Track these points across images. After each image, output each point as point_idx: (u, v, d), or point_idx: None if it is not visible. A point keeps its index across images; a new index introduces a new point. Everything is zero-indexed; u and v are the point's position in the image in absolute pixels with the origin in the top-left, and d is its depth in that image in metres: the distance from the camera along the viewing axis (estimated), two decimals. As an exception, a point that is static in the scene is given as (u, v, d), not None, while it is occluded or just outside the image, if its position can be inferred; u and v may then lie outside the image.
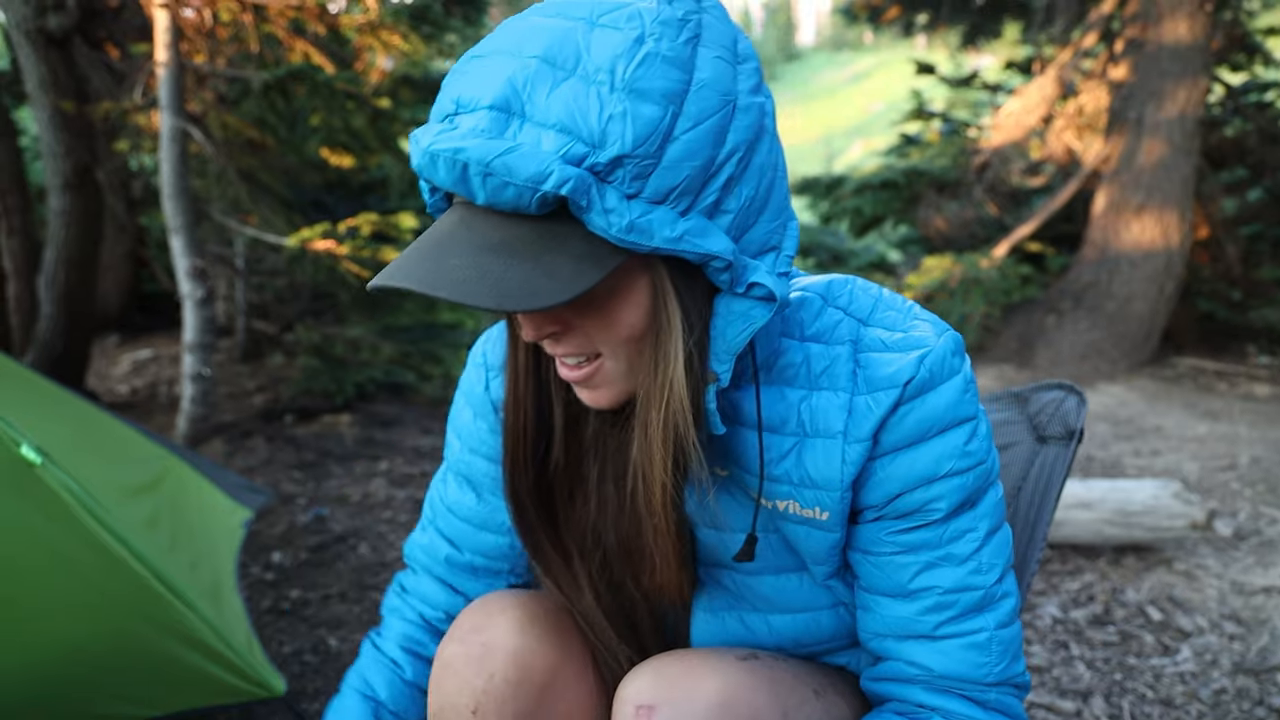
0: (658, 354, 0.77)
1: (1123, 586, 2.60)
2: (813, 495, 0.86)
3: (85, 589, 1.66)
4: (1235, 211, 6.42)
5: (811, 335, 0.88)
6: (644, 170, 0.68)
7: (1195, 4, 5.22)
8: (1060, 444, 1.31)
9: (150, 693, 1.73)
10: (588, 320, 0.77)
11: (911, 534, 0.87)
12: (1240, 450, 3.98)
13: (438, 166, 0.70)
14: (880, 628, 0.91)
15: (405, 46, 3.95)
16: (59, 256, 4.12)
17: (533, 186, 0.67)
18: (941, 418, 0.84)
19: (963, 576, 0.86)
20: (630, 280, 0.75)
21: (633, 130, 0.67)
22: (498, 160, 0.67)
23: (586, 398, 0.84)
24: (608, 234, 0.69)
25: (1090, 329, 5.55)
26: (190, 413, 3.86)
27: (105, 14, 4.10)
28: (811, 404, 0.86)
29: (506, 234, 0.70)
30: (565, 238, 0.70)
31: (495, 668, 0.92)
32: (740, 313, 0.76)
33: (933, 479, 0.85)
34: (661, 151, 0.68)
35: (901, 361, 0.84)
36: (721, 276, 0.74)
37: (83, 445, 2.10)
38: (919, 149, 6.75)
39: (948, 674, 0.87)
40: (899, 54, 35.18)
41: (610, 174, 0.68)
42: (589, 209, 0.68)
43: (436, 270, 0.69)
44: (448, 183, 0.71)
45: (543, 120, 0.68)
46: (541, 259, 0.69)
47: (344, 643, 2.33)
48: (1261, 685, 2.11)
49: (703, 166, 0.70)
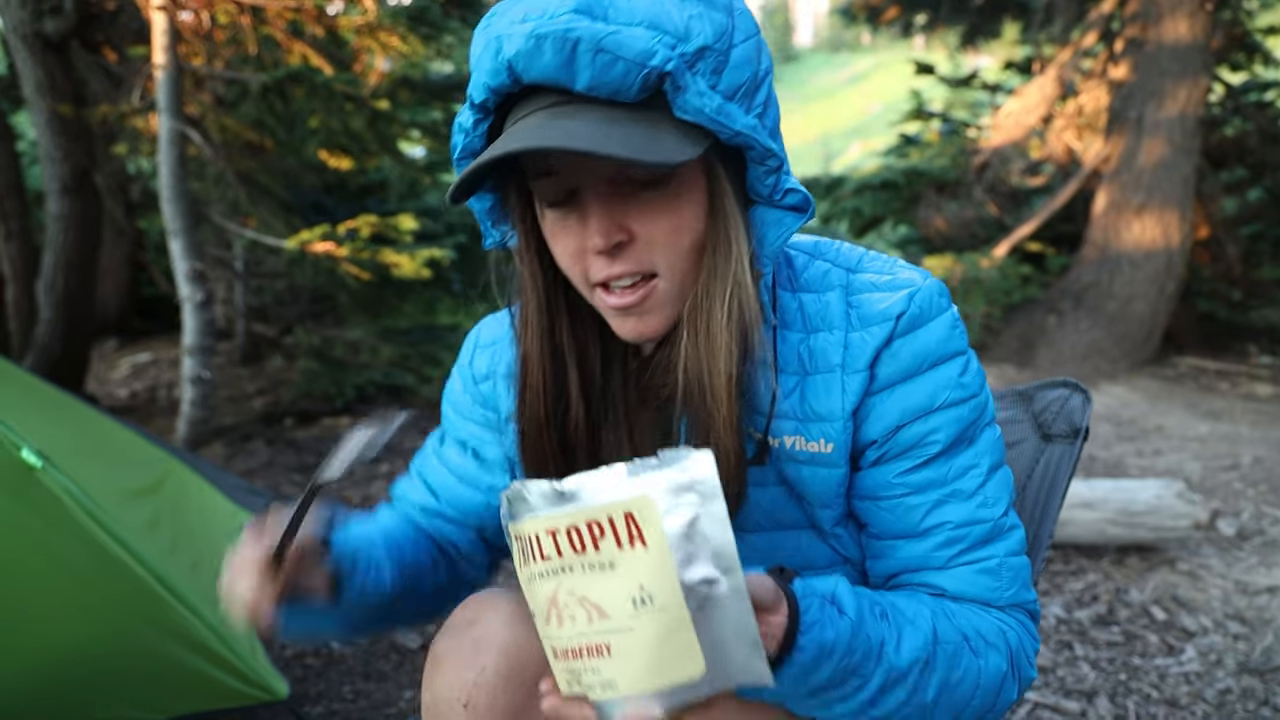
0: (717, 254, 0.83)
1: (1126, 586, 2.59)
2: (817, 428, 0.89)
3: (86, 592, 1.65)
4: (1235, 211, 6.42)
5: (802, 285, 0.93)
6: (719, 65, 0.76)
7: (1195, 3, 5.22)
8: (1066, 442, 1.30)
9: (151, 696, 1.73)
10: (656, 226, 0.82)
11: (917, 473, 0.89)
12: (1242, 450, 3.98)
13: (543, 49, 0.73)
14: (894, 569, 0.93)
15: (404, 48, 3.94)
16: (57, 260, 4.11)
17: (641, 63, 0.72)
18: (934, 351, 0.88)
19: (971, 510, 0.89)
20: (693, 184, 0.82)
21: (711, 27, 0.76)
22: (609, 38, 0.72)
23: (632, 328, 0.87)
24: (701, 114, 0.75)
25: (1091, 329, 5.54)
26: (190, 416, 3.85)
27: (102, 17, 4.10)
28: (810, 344, 0.90)
29: (609, 113, 0.76)
30: (659, 122, 0.76)
31: (486, 661, 0.92)
32: (775, 220, 0.85)
33: (930, 410, 0.88)
34: (729, 51, 0.77)
35: (892, 299, 0.89)
36: (767, 180, 0.82)
37: (83, 449, 2.09)
38: (918, 149, 6.74)
39: (962, 595, 0.90)
40: (897, 55, 35.21)
41: (695, 64, 0.75)
42: (685, 90, 0.74)
43: (556, 133, 0.73)
44: (551, 66, 0.74)
45: (628, 20, 0.74)
46: (649, 130, 0.75)
47: (345, 645, 2.32)
48: (1266, 685, 2.10)
49: (752, 76, 0.79)
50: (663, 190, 0.81)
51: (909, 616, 0.84)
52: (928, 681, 0.82)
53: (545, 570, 0.69)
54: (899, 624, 0.82)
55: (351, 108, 4.05)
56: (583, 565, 0.67)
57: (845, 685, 0.78)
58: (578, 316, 0.93)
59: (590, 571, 0.66)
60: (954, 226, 6.10)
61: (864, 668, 0.78)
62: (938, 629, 0.84)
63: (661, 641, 0.65)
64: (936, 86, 7.24)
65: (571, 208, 0.83)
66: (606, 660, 0.66)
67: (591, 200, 0.81)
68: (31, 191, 5.21)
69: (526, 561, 0.71)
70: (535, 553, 0.69)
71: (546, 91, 0.78)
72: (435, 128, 5.19)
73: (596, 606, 0.66)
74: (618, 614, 0.65)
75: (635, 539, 0.65)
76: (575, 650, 0.68)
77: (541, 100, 0.78)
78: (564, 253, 0.86)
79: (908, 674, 0.80)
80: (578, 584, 0.67)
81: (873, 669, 0.78)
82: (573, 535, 0.67)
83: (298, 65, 3.95)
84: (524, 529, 0.70)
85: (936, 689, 0.83)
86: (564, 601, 0.68)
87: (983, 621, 0.88)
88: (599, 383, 0.94)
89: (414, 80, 4.62)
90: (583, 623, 0.67)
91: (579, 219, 0.82)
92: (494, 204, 0.91)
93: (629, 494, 0.65)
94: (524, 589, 0.73)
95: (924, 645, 0.82)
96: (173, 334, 5.75)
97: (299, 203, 5.07)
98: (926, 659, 0.82)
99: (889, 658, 0.79)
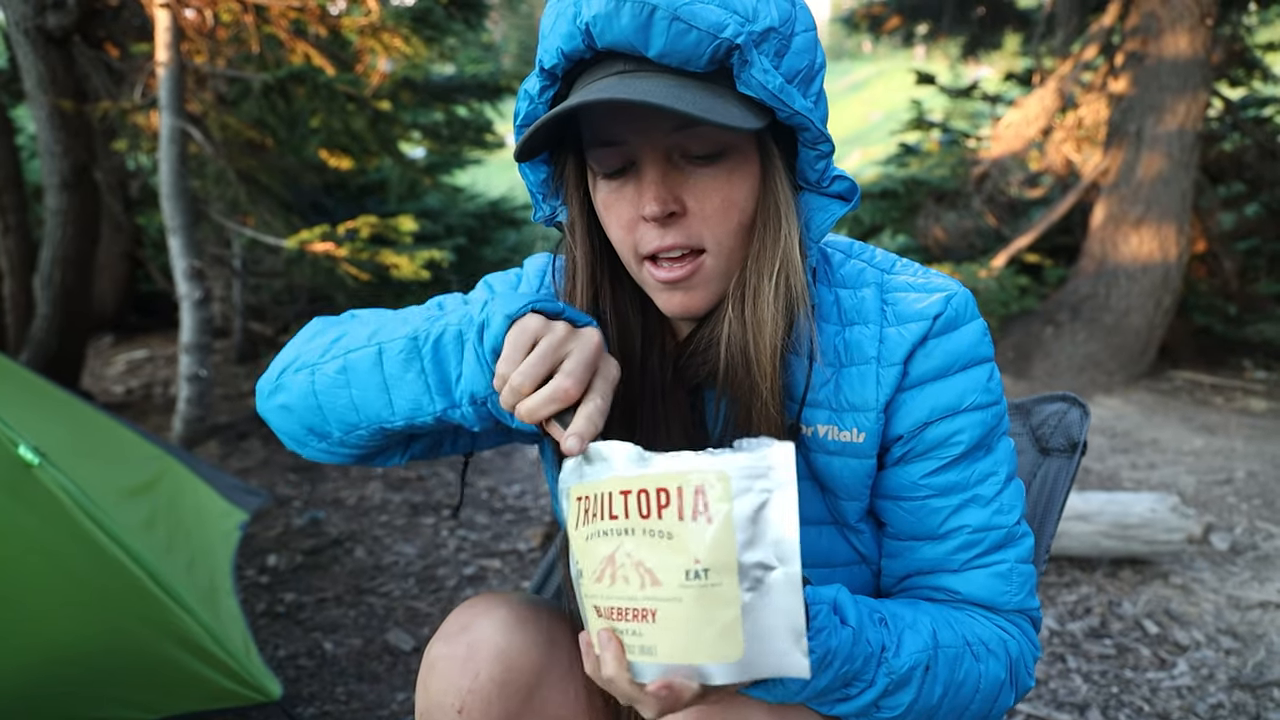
0: (767, 233, 0.86)
1: (1119, 599, 2.59)
2: (851, 418, 0.92)
3: (81, 590, 1.65)
4: (1233, 226, 6.43)
5: (838, 281, 0.97)
6: (782, 48, 0.80)
7: (1196, 18, 5.24)
8: (1063, 456, 1.31)
9: (145, 696, 1.72)
10: (709, 200, 0.85)
11: (940, 475, 0.92)
12: (1236, 464, 3.99)
13: (621, 13, 0.76)
14: (909, 569, 0.96)
15: (406, 49, 3.94)
16: (55, 256, 4.10)
17: (713, 33, 0.76)
18: (966, 354, 0.92)
19: (988, 517, 0.92)
20: (746, 163, 0.85)
21: (777, 11, 0.80)
22: (684, 7, 0.75)
23: (679, 303, 0.89)
24: (764, 90, 0.79)
25: (1088, 341, 5.55)
26: (186, 414, 3.84)
27: (105, 13, 4.09)
28: (845, 337, 0.93)
29: (679, 79, 0.79)
30: (723, 93, 0.80)
31: (480, 667, 0.92)
32: (821, 206, 0.89)
33: (957, 410, 0.91)
34: (791, 38, 0.81)
35: (929, 299, 0.93)
36: (818, 165, 0.86)
37: (80, 446, 2.09)
38: (918, 159, 6.75)
39: (972, 598, 0.93)
40: (898, 64, 35.29)
41: (761, 43, 0.78)
42: (751, 65, 0.78)
43: (629, 90, 0.76)
44: (627, 31, 0.77)
45: None
46: (715, 99, 0.78)
47: (339, 646, 2.31)
48: (1258, 700, 2.10)
49: (810, 64, 0.83)
50: (717, 166, 0.84)
51: (908, 622, 0.86)
52: (933, 683, 0.84)
53: (608, 529, 0.71)
54: (898, 630, 0.84)
55: (353, 108, 4.05)
56: (645, 530, 0.68)
57: (848, 689, 0.80)
58: (622, 293, 0.96)
59: (650, 537, 0.68)
60: (952, 236, 6.10)
61: (865, 672, 0.80)
62: (938, 633, 0.87)
63: (707, 617, 0.66)
64: (937, 96, 7.25)
65: (628, 178, 0.86)
66: (650, 626, 0.68)
67: (648, 169, 0.84)
68: (30, 186, 5.20)
69: (589, 520, 0.73)
70: (604, 511, 0.71)
71: (617, 59, 0.81)
72: (436, 129, 5.20)
73: (650, 572, 0.68)
74: (669, 582, 0.67)
75: (700, 513, 0.66)
76: (621, 611, 0.70)
77: (611, 67, 0.81)
78: (616, 223, 0.89)
79: (910, 677, 0.83)
80: (636, 547, 0.69)
81: (874, 673, 0.80)
82: (642, 499, 0.69)
83: (300, 65, 3.95)
84: (598, 487, 0.73)
85: (942, 690, 0.85)
86: (620, 562, 0.70)
87: (984, 629, 0.91)
88: (638, 360, 0.96)
89: (416, 82, 4.62)
90: (634, 586, 0.69)
91: (635, 188, 0.86)
92: (548, 176, 0.94)
93: (705, 466, 0.67)
94: (576, 548, 0.75)
95: (923, 649, 0.84)
96: (170, 331, 5.74)
97: (299, 202, 5.07)
98: (927, 662, 0.84)
99: (889, 662, 0.81)
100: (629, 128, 0.83)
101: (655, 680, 0.68)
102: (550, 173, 0.93)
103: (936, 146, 7.07)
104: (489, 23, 5.36)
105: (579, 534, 0.75)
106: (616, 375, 0.79)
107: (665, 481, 0.68)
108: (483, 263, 6.26)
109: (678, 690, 0.68)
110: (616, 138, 0.84)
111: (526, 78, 0.88)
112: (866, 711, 0.82)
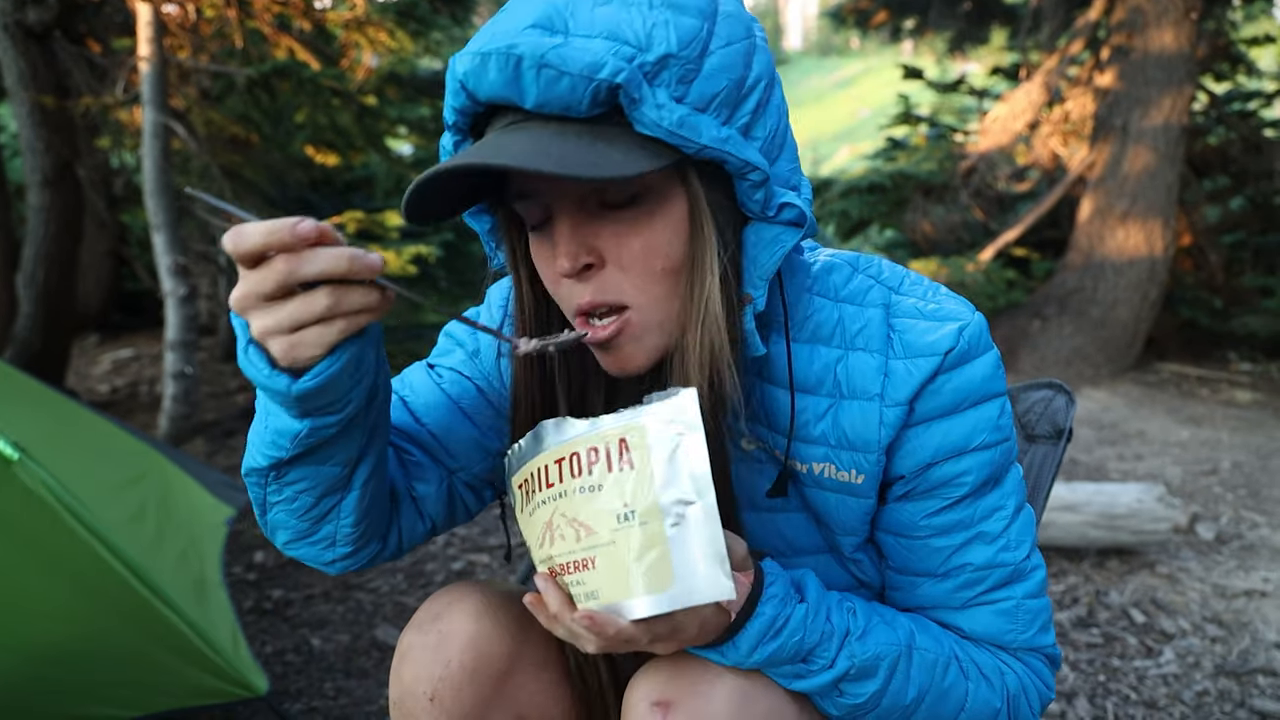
0: (694, 275, 0.79)
1: (1106, 589, 2.61)
2: (850, 457, 0.87)
3: (63, 587, 1.64)
4: (1218, 220, 6.47)
5: (844, 297, 0.90)
6: (688, 74, 0.72)
7: (1181, 13, 5.27)
8: (1049, 443, 1.31)
9: (128, 693, 1.71)
10: (626, 248, 0.79)
11: (944, 515, 0.88)
12: (1222, 455, 4.01)
13: (488, 68, 0.72)
14: (911, 604, 0.93)
15: (392, 43, 3.92)
16: (38, 254, 4.06)
17: (588, 76, 0.69)
18: (977, 390, 0.86)
19: (993, 554, 0.88)
20: (669, 202, 0.78)
21: (676, 34, 0.72)
22: (552, 52, 0.70)
23: (612, 363, 0.84)
24: (659, 128, 0.71)
25: (1075, 334, 5.58)
26: (172, 411, 3.82)
27: (86, 8, 4.06)
28: (847, 365, 0.87)
29: (560, 128, 0.73)
30: (615, 137, 0.73)
31: (451, 655, 0.92)
32: (770, 238, 0.80)
33: (964, 451, 0.86)
34: (702, 60, 0.73)
35: (941, 331, 0.85)
36: (755, 195, 0.77)
37: (63, 441, 2.07)
38: (906, 153, 6.77)
39: (976, 635, 0.90)
40: (886, 60, 35.39)
41: (658, 74, 0.71)
42: (641, 102, 0.71)
43: (493, 152, 0.72)
44: (497, 85, 0.72)
45: (587, 32, 0.71)
46: (597, 145, 0.72)
47: (326, 642, 2.30)
48: (1243, 687, 2.12)
49: (736, 83, 0.75)
50: (636, 209, 0.77)
51: (885, 619, 0.86)
52: (903, 682, 0.83)
53: (545, 498, 0.77)
54: (868, 619, 0.84)
55: (338, 103, 4.03)
56: (578, 489, 0.74)
57: (807, 664, 0.80)
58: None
59: (582, 494, 0.74)
60: (940, 230, 6.12)
61: (824, 650, 0.80)
62: (915, 635, 0.86)
63: (640, 554, 0.71)
64: (924, 91, 7.26)
65: (548, 231, 0.81)
66: (591, 573, 0.73)
67: (561, 221, 0.79)
68: (13, 183, 5.16)
69: (529, 498, 0.79)
70: (541, 483, 0.78)
71: (506, 110, 0.76)
72: (423, 124, 5.17)
73: (584, 525, 0.73)
74: (602, 529, 0.72)
75: (625, 462, 0.72)
76: (564, 565, 0.75)
77: (502, 119, 0.76)
78: (545, 277, 0.84)
79: (874, 667, 0.82)
80: (570, 506, 0.75)
81: (834, 654, 0.81)
82: (574, 461, 0.75)
83: (284, 60, 3.92)
84: (533, 465, 0.79)
85: (917, 693, 0.84)
86: (557, 523, 0.76)
87: (982, 654, 0.89)
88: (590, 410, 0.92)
89: (401, 76, 4.60)
90: (571, 540, 0.74)
91: (553, 242, 0.80)
92: (493, 226, 0.90)
93: (626, 421, 0.73)
94: (524, 529, 0.81)
95: (893, 643, 0.83)
96: (155, 329, 5.70)
97: (284, 198, 5.04)
98: (897, 656, 0.83)
99: (851, 645, 0.81)
100: (538, 179, 0.78)
101: (580, 613, 0.73)
102: (494, 222, 0.90)
103: (924, 141, 7.09)
104: (475, 17, 5.34)
105: (524, 515, 0.81)
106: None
107: (593, 441, 0.74)
108: (470, 259, 6.24)
109: (600, 623, 0.72)
110: (528, 191, 0.80)
111: (443, 134, 0.84)
112: (827, 693, 0.82)
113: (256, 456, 0.80)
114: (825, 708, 0.84)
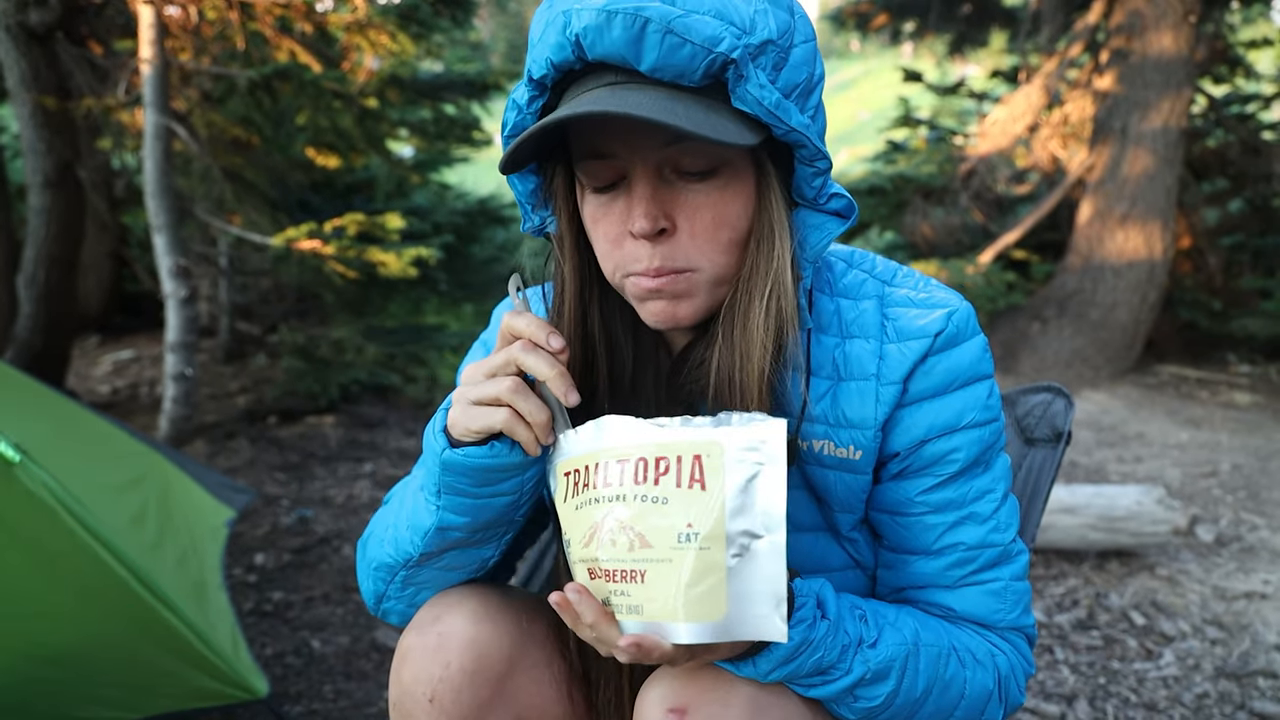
0: (760, 252, 0.84)
1: (1106, 591, 2.61)
2: (848, 434, 0.91)
3: (64, 590, 1.64)
4: (1217, 222, 6.47)
5: (840, 291, 0.95)
6: (780, 61, 0.78)
7: (1179, 16, 5.27)
8: (1048, 446, 1.31)
9: (128, 695, 1.71)
10: (699, 218, 0.83)
11: (937, 492, 0.92)
12: (1221, 457, 4.01)
13: (612, 25, 0.73)
14: (903, 582, 0.96)
15: (393, 46, 3.93)
16: (39, 255, 4.07)
17: (707, 48, 0.73)
18: (966, 371, 0.91)
19: (984, 534, 0.92)
20: (740, 180, 0.83)
21: (775, 23, 0.77)
22: (679, 20, 0.73)
23: (661, 310, 0.86)
24: (760, 106, 0.76)
25: (1074, 336, 5.58)
26: (172, 413, 3.82)
27: (88, 9, 4.06)
28: (845, 350, 0.92)
29: (671, 92, 0.76)
30: (718, 108, 0.77)
31: (451, 657, 0.92)
32: (817, 224, 0.86)
33: (955, 428, 0.91)
34: (790, 50, 0.79)
35: (930, 316, 0.91)
36: (814, 182, 0.83)
37: (64, 443, 2.07)
38: (906, 156, 6.77)
39: (965, 614, 0.93)
40: (885, 62, 35.38)
41: (758, 57, 0.76)
42: (747, 80, 0.75)
43: (621, 103, 0.74)
44: (619, 43, 0.74)
45: (699, 9, 0.74)
46: (710, 113, 0.76)
47: (327, 645, 2.30)
48: (1243, 689, 2.12)
49: (808, 77, 0.81)
50: (710, 182, 0.82)
51: (890, 620, 0.87)
52: (914, 678, 0.85)
53: (599, 497, 0.75)
54: (878, 624, 0.86)
55: (340, 105, 4.03)
56: (639, 497, 0.73)
57: (826, 675, 0.82)
58: (612, 309, 0.94)
59: (643, 503, 0.72)
60: (940, 233, 6.12)
61: (841, 661, 0.81)
62: (920, 633, 0.87)
63: (694, 579, 0.69)
64: (924, 94, 7.26)
65: (617, 193, 0.84)
66: (638, 586, 0.71)
67: (639, 184, 0.82)
68: (14, 184, 5.16)
69: (578, 491, 0.77)
70: (596, 479, 0.76)
71: (608, 70, 0.78)
72: (424, 126, 5.17)
73: (641, 536, 0.71)
74: (660, 545, 0.70)
75: (696, 481, 0.70)
76: (610, 572, 0.73)
77: (602, 78, 0.79)
78: (603, 238, 0.86)
79: (888, 670, 0.84)
80: (627, 512, 0.72)
81: (850, 661, 0.82)
82: (640, 466, 0.73)
83: (286, 62, 3.93)
84: (588, 458, 0.77)
85: (925, 685, 0.86)
86: (609, 526, 0.73)
87: (974, 640, 0.92)
88: (628, 378, 0.95)
89: (403, 79, 4.60)
90: (623, 549, 0.72)
91: (624, 203, 0.83)
92: (536, 187, 0.92)
93: (703, 436, 0.71)
94: (564, 519, 0.79)
95: (902, 644, 0.85)
96: (156, 331, 5.70)
97: (285, 200, 5.04)
98: (906, 656, 0.85)
99: (865, 652, 0.82)
100: (620, 141, 0.81)
101: (634, 634, 0.72)
102: (539, 183, 0.91)
103: (924, 144, 7.09)
104: (477, 20, 5.35)
105: (568, 506, 0.79)
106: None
107: (664, 450, 0.72)
108: (471, 260, 6.24)
109: (646, 648, 0.72)
110: (607, 151, 0.82)
111: (515, 87, 0.85)
112: (842, 698, 0.83)
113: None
114: (840, 712, 0.86)
